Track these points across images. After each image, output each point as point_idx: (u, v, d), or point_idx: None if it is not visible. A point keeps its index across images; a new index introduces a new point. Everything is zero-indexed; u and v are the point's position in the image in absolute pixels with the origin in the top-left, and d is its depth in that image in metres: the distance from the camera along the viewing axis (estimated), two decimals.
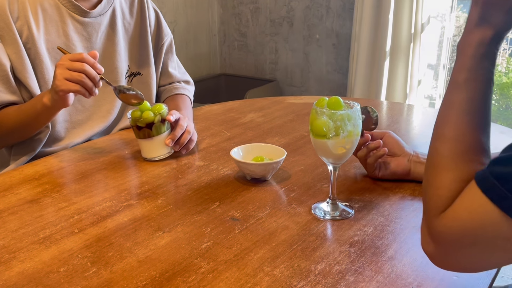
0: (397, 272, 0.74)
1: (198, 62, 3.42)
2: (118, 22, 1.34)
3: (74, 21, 1.25)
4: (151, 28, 1.41)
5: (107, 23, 1.31)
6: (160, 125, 1.14)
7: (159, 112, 1.14)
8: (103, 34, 1.31)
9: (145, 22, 1.39)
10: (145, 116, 1.12)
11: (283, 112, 1.53)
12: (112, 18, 1.32)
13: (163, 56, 1.46)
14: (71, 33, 1.25)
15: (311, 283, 0.72)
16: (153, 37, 1.43)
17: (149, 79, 1.41)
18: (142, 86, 1.40)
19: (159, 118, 1.13)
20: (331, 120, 0.85)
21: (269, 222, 0.88)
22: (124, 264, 0.76)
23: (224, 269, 0.75)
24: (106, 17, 1.31)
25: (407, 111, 1.63)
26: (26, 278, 0.73)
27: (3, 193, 1.00)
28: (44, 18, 1.22)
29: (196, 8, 3.32)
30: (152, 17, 1.42)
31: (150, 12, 1.42)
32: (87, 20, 1.27)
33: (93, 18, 1.27)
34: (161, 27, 1.45)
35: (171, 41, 1.49)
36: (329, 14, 3.01)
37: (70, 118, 1.29)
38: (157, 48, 1.44)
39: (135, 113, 1.14)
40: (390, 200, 0.97)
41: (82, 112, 1.31)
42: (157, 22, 1.44)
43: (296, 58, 3.21)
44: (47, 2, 1.22)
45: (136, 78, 1.40)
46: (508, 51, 2.83)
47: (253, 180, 1.05)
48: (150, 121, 1.13)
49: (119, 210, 0.93)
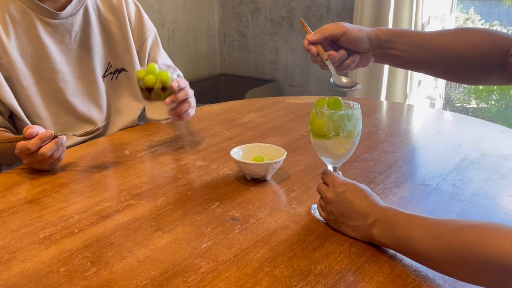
0: (397, 272, 0.74)
1: (198, 62, 3.42)
2: (93, 20, 1.32)
3: (44, 24, 1.23)
4: (131, 23, 1.39)
5: (80, 22, 1.29)
6: (160, 92, 1.14)
7: (161, 79, 1.14)
8: (77, 34, 1.29)
9: (123, 18, 1.37)
10: (146, 79, 1.14)
11: (283, 112, 1.53)
12: (85, 17, 1.30)
13: (149, 51, 1.44)
14: (43, 37, 1.23)
15: (311, 283, 0.72)
16: (134, 31, 1.40)
17: (135, 75, 1.40)
18: (128, 82, 1.39)
19: (159, 85, 1.14)
20: (331, 120, 0.85)
21: (269, 222, 0.88)
22: (124, 264, 0.76)
23: (224, 269, 0.75)
24: (79, 16, 1.28)
25: (407, 111, 1.63)
26: (26, 278, 0.73)
27: (3, 193, 1.00)
28: (13, 25, 1.20)
29: (196, 8, 3.32)
30: (132, 11, 1.40)
31: (130, 7, 1.39)
32: (58, 21, 1.25)
33: (63, 19, 1.25)
34: (143, 22, 1.42)
35: (155, 36, 1.46)
36: (329, 14, 3.01)
37: (59, 121, 1.29)
38: (140, 43, 1.42)
39: (140, 73, 1.16)
40: (390, 200, 0.97)
41: (70, 113, 1.30)
42: (138, 16, 1.41)
43: (296, 58, 3.21)
44: (14, 8, 1.20)
45: (121, 74, 1.39)
46: None
47: (253, 180, 1.05)
48: (150, 86, 1.13)
49: (119, 210, 0.93)
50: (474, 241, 0.63)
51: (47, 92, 1.26)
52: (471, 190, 1.01)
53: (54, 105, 1.27)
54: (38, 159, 1.04)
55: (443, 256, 0.67)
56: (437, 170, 1.11)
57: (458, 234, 0.65)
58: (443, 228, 0.68)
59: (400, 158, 1.17)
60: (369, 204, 0.80)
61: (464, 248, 0.63)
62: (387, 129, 1.40)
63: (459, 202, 0.96)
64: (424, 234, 0.70)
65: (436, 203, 0.96)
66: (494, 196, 0.99)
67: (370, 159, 1.16)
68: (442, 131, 1.40)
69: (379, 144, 1.26)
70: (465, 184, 1.04)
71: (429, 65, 0.98)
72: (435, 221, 0.71)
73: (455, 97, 2.93)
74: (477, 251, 0.62)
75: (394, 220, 0.76)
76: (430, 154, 1.23)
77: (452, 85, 2.94)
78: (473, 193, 1.00)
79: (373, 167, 1.12)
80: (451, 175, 1.08)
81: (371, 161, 1.15)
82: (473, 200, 0.97)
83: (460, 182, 1.05)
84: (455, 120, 1.53)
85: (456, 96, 2.93)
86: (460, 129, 1.45)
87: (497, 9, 2.77)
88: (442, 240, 0.67)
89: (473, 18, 2.77)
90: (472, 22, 2.76)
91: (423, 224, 0.71)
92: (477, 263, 0.62)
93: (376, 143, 1.26)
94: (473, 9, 2.76)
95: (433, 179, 1.06)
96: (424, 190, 1.01)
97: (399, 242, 0.74)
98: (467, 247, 0.63)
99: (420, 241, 0.70)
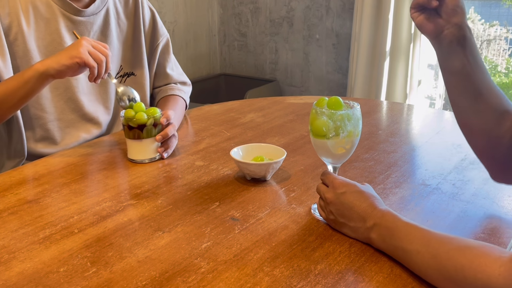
0: (397, 272, 0.74)
1: (198, 62, 3.42)
2: (112, 22, 1.33)
3: (66, 20, 1.25)
4: (145, 28, 1.40)
5: (101, 22, 1.31)
6: (152, 129, 1.14)
7: (153, 116, 1.13)
8: (95, 33, 1.30)
9: (138, 22, 1.38)
10: (138, 117, 1.12)
11: (283, 112, 1.53)
12: (106, 17, 1.31)
13: (158, 56, 1.44)
14: (63, 31, 1.24)
15: (311, 283, 0.72)
16: (147, 37, 1.41)
17: (143, 80, 1.41)
18: (135, 86, 1.39)
19: (151, 121, 1.13)
20: (331, 120, 0.85)
21: (269, 222, 0.88)
22: (124, 264, 0.76)
23: (224, 269, 0.75)
24: (100, 16, 1.30)
25: (407, 111, 1.63)
26: (26, 278, 0.73)
27: (3, 193, 1.00)
28: (34, 16, 1.21)
29: (196, 8, 3.32)
30: (146, 16, 1.41)
31: (145, 11, 1.40)
32: (80, 19, 1.26)
33: (85, 17, 1.27)
34: (157, 27, 1.43)
35: (167, 42, 1.47)
36: (329, 14, 3.01)
37: (63, 117, 1.29)
38: (152, 49, 1.43)
39: (128, 113, 1.14)
40: (390, 200, 0.97)
41: (75, 111, 1.30)
42: (152, 21, 1.42)
43: (296, 58, 3.21)
44: (39, 0, 1.22)
45: (130, 78, 1.39)
46: (508, 51, 2.83)
47: (253, 180, 1.05)
48: (142, 123, 1.13)
49: (119, 210, 0.93)
50: (467, 265, 0.64)
51: (56, 86, 1.27)
52: (471, 190, 1.01)
53: (61, 100, 1.28)
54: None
55: (438, 275, 0.68)
56: (437, 170, 1.11)
57: (453, 256, 0.67)
58: (440, 246, 0.69)
59: (400, 158, 1.17)
60: (368, 207, 0.80)
61: (457, 272, 0.65)
62: (387, 129, 1.40)
63: (459, 202, 0.96)
64: (421, 249, 0.71)
65: (436, 203, 0.96)
66: (494, 196, 0.99)
67: (370, 159, 1.16)
68: (442, 131, 1.40)
69: (379, 144, 1.26)
70: (465, 184, 1.04)
71: (463, 106, 0.89)
72: (433, 236, 0.72)
73: None
74: (469, 276, 0.64)
75: (392, 228, 0.76)
76: (430, 154, 1.23)
77: None
78: (473, 193, 1.00)
79: (373, 167, 1.12)
80: (451, 175, 1.08)
81: (371, 161, 1.15)
82: (473, 200, 0.97)
83: (460, 182, 1.05)
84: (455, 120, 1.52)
85: None
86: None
87: (497, 9, 2.77)
88: (438, 259, 0.68)
89: (473, 18, 2.77)
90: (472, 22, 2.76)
91: (421, 238, 0.72)
92: (470, 286, 0.64)
93: (376, 143, 1.26)
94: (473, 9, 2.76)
95: (433, 179, 1.06)
96: (424, 190, 1.01)
97: (397, 251, 0.75)
98: (460, 270, 0.65)
99: (417, 255, 0.71)
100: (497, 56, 2.85)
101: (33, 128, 1.26)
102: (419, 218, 0.90)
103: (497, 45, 2.80)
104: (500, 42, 2.82)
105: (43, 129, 1.27)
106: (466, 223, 0.90)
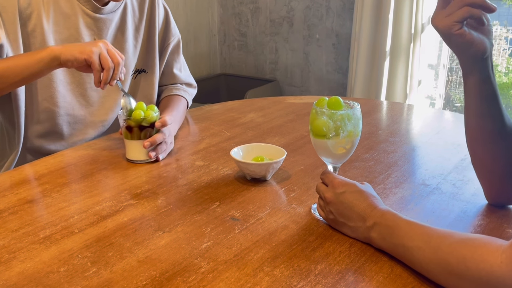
0: (397, 272, 0.74)
1: (198, 62, 3.42)
2: (129, 20, 1.34)
3: (85, 16, 1.26)
4: (159, 26, 1.42)
5: (118, 20, 1.32)
6: (149, 130, 1.14)
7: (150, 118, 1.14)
8: (113, 31, 1.31)
9: (153, 20, 1.40)
10: (134, 116, 1.13)
11: (283, 112, 1.53)
12: (123, 15, 1.33)
13: (168, 56, 1.45)
14: (81, 27, 1.25)
15: (311, 283, 0.72)
16: (159, 35, 1.42)
17: (153, 77, 1.42)
18: (145, 83, 1.40)
19: (146, 123, 1.14)
20: (331, 120, 0.85)
21: (269, 222, 0.88)
22: (124, 264, 0.76)
23: (224, 269, 0.75)
24: (117, 14, 1.31)
25: (407, 111, 1.63)
26: (26, 278, 0.73)
27: (3, 193, 1.00)
28: (54, 10, 1.22)
29: (196, 8, 3.32)
30: (161, 15, 1.42)
31: (160, 10, 1.42)
32: (99, 16, 1.27)
33: (104, 15, 1.28)
34: (169, 26, 1.44)
35: (178, 42, 1.48)
36: (329, 14, 3.01)
37: (73, 112, 1.30)
38: (163, 47, 1.44)
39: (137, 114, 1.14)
40: (390, 200, 0.97)
41: (85, 107, 1.31)
42: (165, 20, 1.44)
43: (296, 58, 3.21)
44: None
45: (141, 75, 1.40)
46: (508, 51, 2.83)
47: (253, 180, 1.05)
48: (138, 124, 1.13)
49: (119, 210, 0.93)
50: (469, 256, 0.65)
51: (69, 81, 1.27)
52: (471, 190, 1.01)
53: (72, 95, 1.29)
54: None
55: (440, 269, 0.68)
56: (437, 170, 1.11)
57: (454, 249, 0.67)
58: (441, 241, 0.69)
59: (400, 158, 1.17)
60: (368, 206, 0.80)
61: (459, 264, 0.65)
62: (387, 129, 1.40)
63: (459, 202, 0.96)
64: (422, 245, 0.71)
65: (436, 203, 0.96)
66: None
67: (370, 159, 1.16)
68: (442, 131, 1.40)
69: (379, 144, 1.26)
70: (465, 184, 1.04)
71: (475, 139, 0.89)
72: (433, 232, 0.72)
73: (455, 97, 2.93)
74: (472, 267, 0.64)
75: (393, 226, 0.76)
76: (430, 154, 1.23)
77: (452, 85, 2.94)
78: (473, 193, 1.00)
79: (373, 167, 1.12)
80: (451, 175, 1.08)
81: (371, 161, 1.15)
82: (473, 200, 0.97)
83: (460, 182, 1.05)
84: (455, 120, 1.53)
85: (456, 96, 2.93)
86: (460, 129, 1.45)
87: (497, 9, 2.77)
88: (440, 253, 0.68)
89: None
90: None
91: (422, 234, 0.72)
92: (473, 277, 0.64)
93: (376, 143, 1.26)
94: None
95: (433, 179, 1.06)
96: (424, 190, 1.01)
97: (397, 249, 0.75)
98: (462, 262, 0.65)
99: (419, 251, 0.71)
100: (497, 55, 2.85)
101: (41, 122, 1.27)
102: (419, 218, 0.90)
103: (497, 44, 2.80)
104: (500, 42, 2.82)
105: (52, 123, 1.27)
106: (466, 223, 0.90)
